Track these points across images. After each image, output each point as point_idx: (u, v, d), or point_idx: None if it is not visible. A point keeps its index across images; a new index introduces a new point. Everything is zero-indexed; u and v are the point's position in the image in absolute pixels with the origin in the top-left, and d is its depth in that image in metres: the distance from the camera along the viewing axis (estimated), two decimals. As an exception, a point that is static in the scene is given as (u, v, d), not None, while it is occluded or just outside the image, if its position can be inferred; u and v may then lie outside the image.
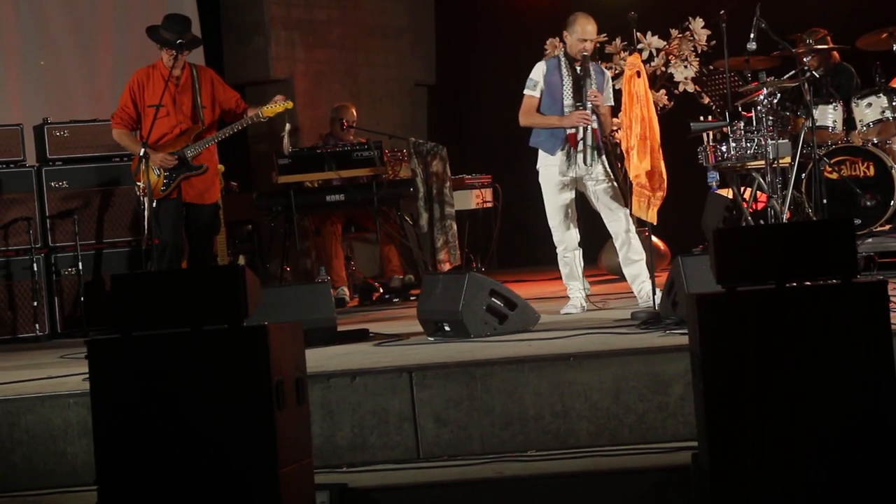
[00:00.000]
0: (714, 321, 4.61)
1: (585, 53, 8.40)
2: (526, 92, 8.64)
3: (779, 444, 4.54)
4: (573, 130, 8.36)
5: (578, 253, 8.56)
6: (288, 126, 10.22)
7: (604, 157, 8.43)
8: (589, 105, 8.33)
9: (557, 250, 8.58)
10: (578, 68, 8.41)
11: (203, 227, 9.32)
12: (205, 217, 9.30)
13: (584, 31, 8.41)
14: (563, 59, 8.51)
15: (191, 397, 4.72)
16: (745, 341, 4.56)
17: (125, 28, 12.17)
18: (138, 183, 9.09)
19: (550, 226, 8.55)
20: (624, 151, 7.92)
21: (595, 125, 8.35)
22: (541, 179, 8.55)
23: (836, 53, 10.56)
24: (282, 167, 10.88)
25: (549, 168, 8.50)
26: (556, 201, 8.50)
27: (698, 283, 6.49)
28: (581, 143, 8.31)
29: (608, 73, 8.76)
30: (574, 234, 8.53)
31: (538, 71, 8.63)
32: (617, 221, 8.40)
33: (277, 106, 9.39)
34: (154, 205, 8.99)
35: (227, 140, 9.43)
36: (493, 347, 6.66)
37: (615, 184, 8.44)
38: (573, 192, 8.49)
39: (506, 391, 5.91)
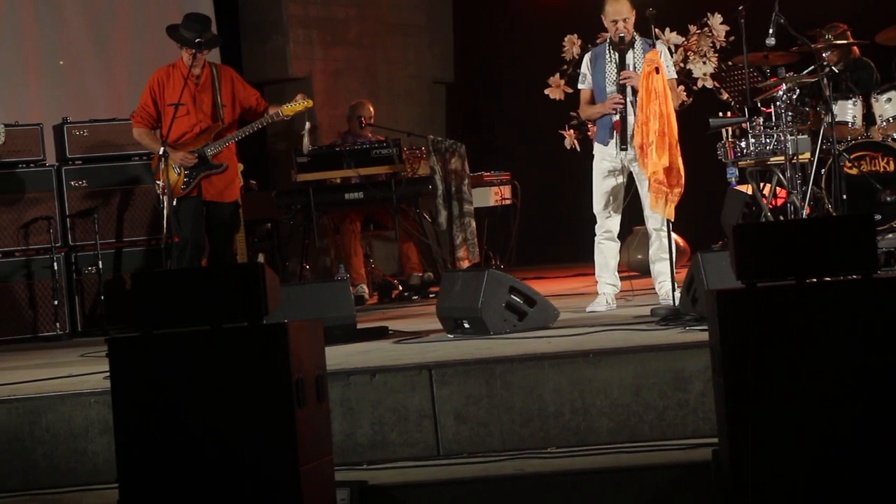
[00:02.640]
0: (734, 317, 4.60)
1: (622, 34, 8.31)
2: (579, 87, 8.64)
3: (799, 440, 4.53)
4: (617, 117, 8.30)
5: (615, 245, 8.49)
6: (308, 124, 10.25)
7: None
8: (629, 88, 8.25)
9: (595, 237, 8.51)
10: (626, 51, 8.31)
11: (223, 225, 9.35)
12: (225, 215, 9.33)
13: (614, 12, 8.32)
14: (608, 45, 8.46)
15: (211, 395, 4.73)
16: (766, 337, 4.56)
17: (143, 28, 12.21)
18: (158, 181, 9.13)
19: (594, 212, 8.49)
20: (638, 148, 7.88)
21: None
22: (593, 165, 8.50)
23: (855, 48, 10.53)
24: (301, 165, 10.89)
25: (598, 155, 8.45)
26: (601, 187, 8.43)
27: (718, 280, 6.48)
28: (621, 126, 8.24)
29: (648, 53, 8.10)
30: (614, 223, 8.45)
31: (583, 63, 8.61)
32: (653, 217, 8.30)
33: (298, 105, 9.42)
34: (174, 203, 9.02)
35: (246, 139, 9.46)
36: (512, 344, 6.65)
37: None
38: (621, 180, 8.37)
39: (525, 388, 5.91)
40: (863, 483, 4.51)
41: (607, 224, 8.45)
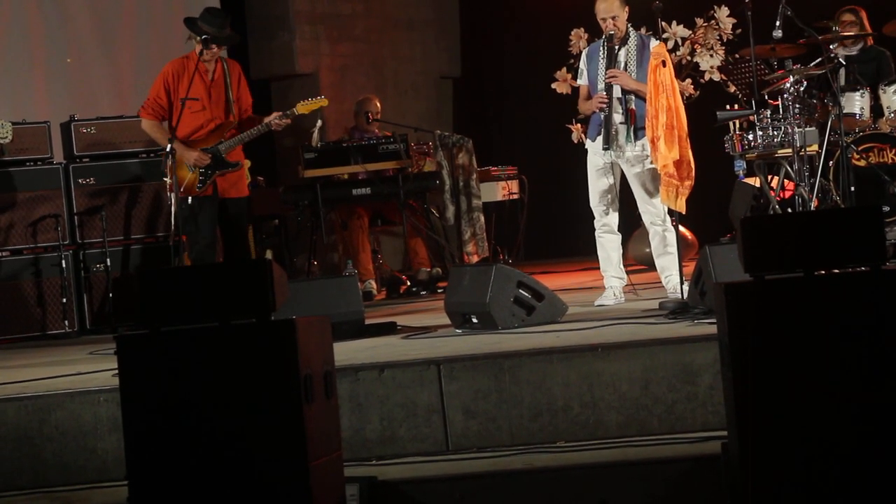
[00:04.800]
0: (742, 310, 4.60)
1: (611, 32, 8.30)
2: (577, 82, 8.64)
3: (806, 433, 4.53)
4: (604, 114, 8.28)
5: (615, 238, 8.48)
6: (319, 122, 10.32)
7: (642, 139, 8.16)
8: (616, 86, 8.25)
9: (595, 232, 8.51)
10: (615, 48, 8.31)
11: (237, 220, 9.36)
12: (239, 210, 9.35)
13: (602, 10, 8.31)
14: (603, 41, 8.44)
15: (220, 392, 4.73)
16: (774, 330, 4.55)
17: (148, 25, 12.22)
18: (167, 179, 9.11)
19: (591, 207, 8.49)
20: (650, 141, 7.87)
21: (632, 105, 8.23)
22: (587, 161, 8.49)
23: (870, 38, 10.49)
24: (308, 161, 10.90)
25: (589, 153, 8.45)
26: (595, 186, 8.42)
27: (726, 273, 6.47)
28: (604, 125, 8.24)
29: (655, 46, 8.01)
30: (611, 217, 8.44)
31: (581, 58, 8.62)
32: (647, 212, 8.32)
33: (313, 102, 9.46)
34: (190, 201, 9.04)
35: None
36: (521, 339, 6.65)
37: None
38: (612, 177, 8.38)
39: (534, 382, 5.91)
40: (871, 475, 4.50)
41: (605, 219, 8.44)
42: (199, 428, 4.73)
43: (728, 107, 9.88)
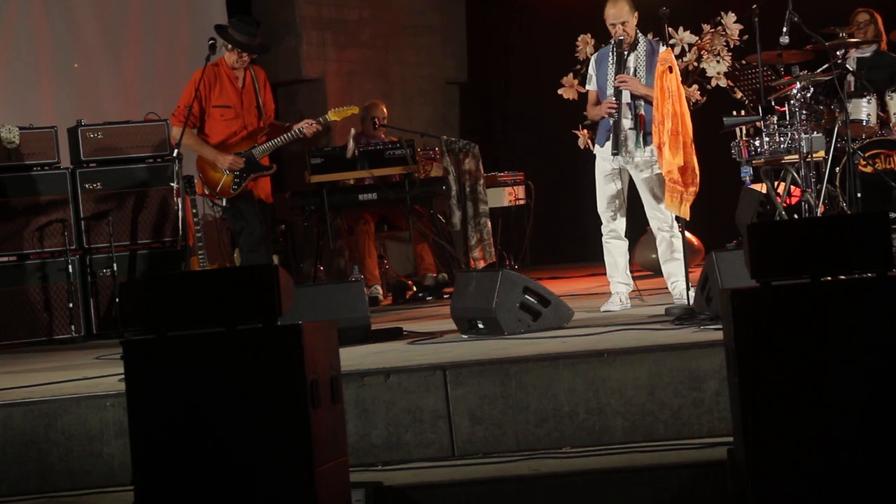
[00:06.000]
0: (749, 316, 4.59)
1: (621, 37, 8.29)
2: (586, 87, 8.65)
3: (813, 439, 4.52)
4: (613, 119, 8.27)
5: (622, 244, 8.48)
6: (353, 130, 10.49)
7: (651, 145, 8.12)
8: (625, 92, 8.24)
9: (602, 237, 8.50)
10: (624, 53, 8.30)
11: (267, 222, 9.51)
12: (268, 212, 9.50)
13: (612, 15, 8.29)
14: (612, 46, 8.43)
15: (226, 397, 4.73)
16: (781, 336, 4.55)
17: (154, 31, 12.24)
18: (173, 184, 9.15)
19: (599, 212, 8.49)
20: (656, 147, 7.87)
21: (641, 111, 8.22)
22: (595, 167, 8.48)
23: (883, 43, 10.49)
24: (314, 167, 10.91)
25: (598, 158, 8.45)
26: (602, 191, 8.42)
27: (732, 279, 6.47)
28: (613, 131, 8.23)
29: (662, 52, 8.10)
30: (619, 223, 8.44)
31: (590, 63, 8.61)
32: (654, 218, 8.32)
33: (345, 110, 9.64)
34: (224, 202, 9.18)
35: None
36: (527, 344, 6.65)
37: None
38: (620, 182, 8.38)
39: (540, 388, 5.91)
40: (877, 483, 4.49)
41: (612, 224, 8.44)
42: (205, 433, 4.74)
43: (735, 113, 9.88)
